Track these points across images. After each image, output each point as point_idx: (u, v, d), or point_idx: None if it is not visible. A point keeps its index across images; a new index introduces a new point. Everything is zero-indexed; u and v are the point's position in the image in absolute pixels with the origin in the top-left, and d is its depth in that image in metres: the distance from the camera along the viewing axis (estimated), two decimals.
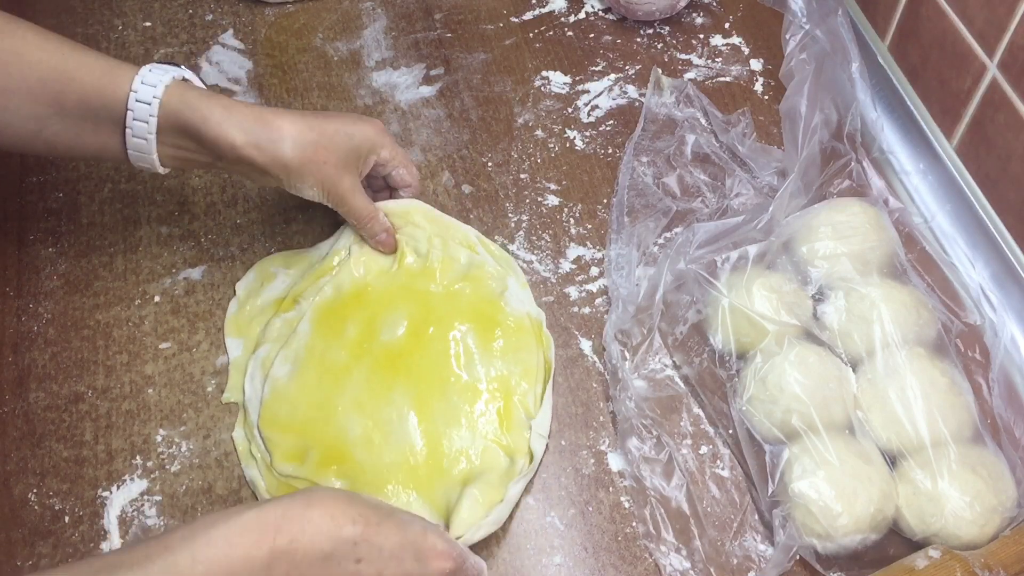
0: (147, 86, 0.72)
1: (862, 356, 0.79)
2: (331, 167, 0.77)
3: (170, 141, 0.75)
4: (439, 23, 1.05)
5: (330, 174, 0.77)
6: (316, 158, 0.76)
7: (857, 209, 0.85)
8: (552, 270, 0.88)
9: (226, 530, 0.55)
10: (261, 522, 0.55)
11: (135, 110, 0.73)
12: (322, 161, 0.76)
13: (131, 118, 0.73)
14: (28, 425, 0.78)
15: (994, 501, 0.71)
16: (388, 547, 0.58)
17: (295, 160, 0.75)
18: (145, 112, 0.72)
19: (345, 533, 0.57)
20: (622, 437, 0.78)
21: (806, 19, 0.90)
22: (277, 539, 0.55)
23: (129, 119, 0.73)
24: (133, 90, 0.72)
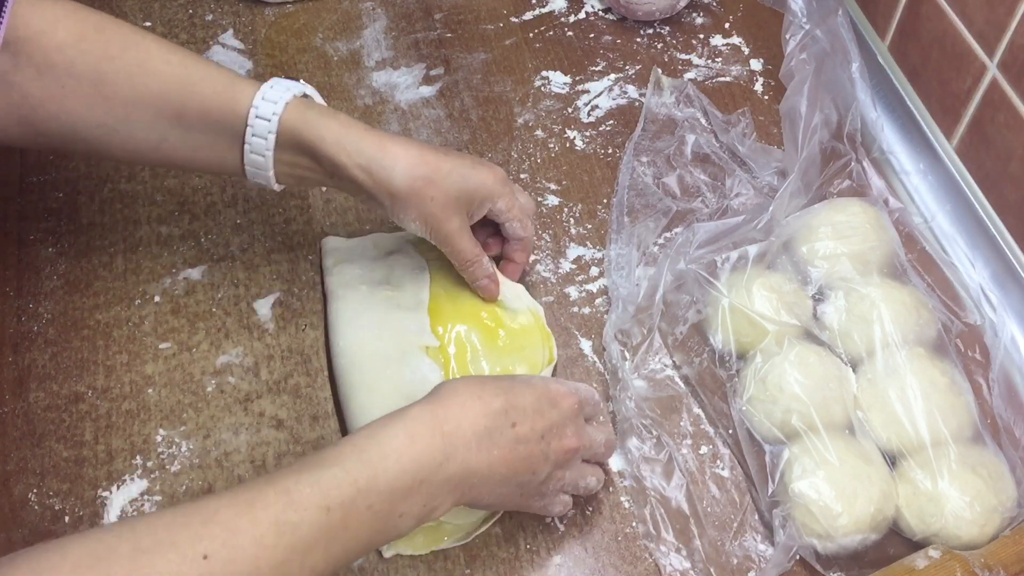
0: (268, 102, 0.72)
1: (862, 356, 0.79)
2: (438, 205, 0.74)
3: (287, 159, 0.74)
4: (439, 23, 1.05)
5: (435, 212, 0.74)
6: (424, 192, 0.73)
7: (857, 209, 0.85)
8: (552, 270, 0.88)
9: (402, 426, 0.61)
10: (428, 416, 0.62)
11: (254, 126, 0.72)
12: (429, 197, 0.73)
13: (250, 134, 0.72)
14: (28, 425, 0.78)
15: (994, 501, 0.71)
16: (529, 404, 0.66)
17: (402, 190, 0.73)
18: (264, 128, 0.72)
19: (495, 406, 0.64)
20: (622, 437, 0.78)
21: (806, 19, 0.90)
22: (445, 427, 0.62)
23: (248, 135, 0.72)
24: (254, 106, 0.72)
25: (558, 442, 0.67)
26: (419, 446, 0.60)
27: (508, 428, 0.64)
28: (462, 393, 0.64)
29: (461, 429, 0.62)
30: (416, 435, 0.61)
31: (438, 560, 0.73)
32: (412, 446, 0.60)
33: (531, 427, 0.65)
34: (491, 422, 0.63)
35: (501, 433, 0.64)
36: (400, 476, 0.59)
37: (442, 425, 0.62)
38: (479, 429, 0.63)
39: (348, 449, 0.60)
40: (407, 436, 0.61)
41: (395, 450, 0.60)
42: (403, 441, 0.60)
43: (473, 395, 0.64)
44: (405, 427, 0.61)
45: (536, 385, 0.68)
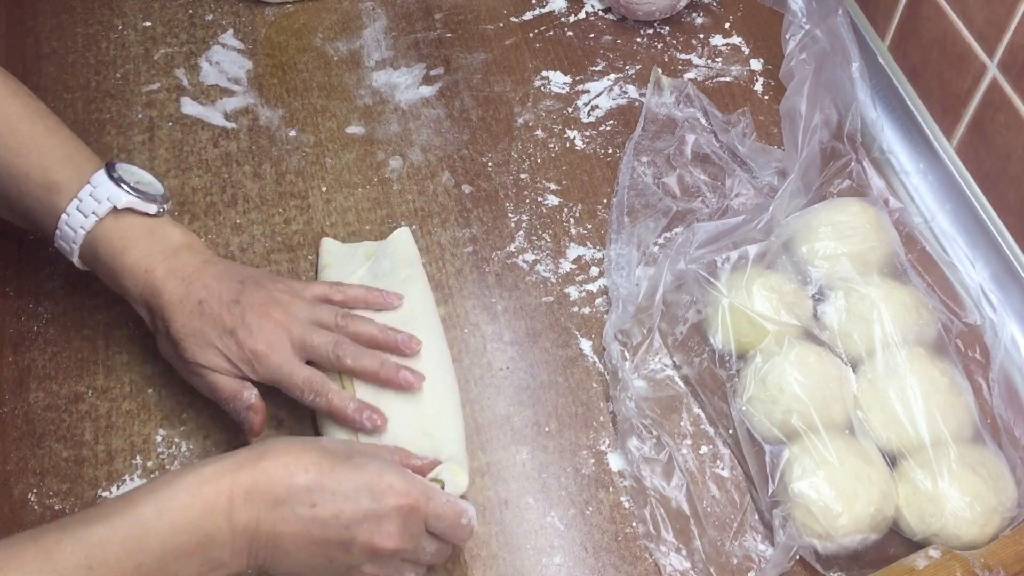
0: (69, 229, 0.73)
1: (862, 356, 0.79)
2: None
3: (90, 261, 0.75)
4: (439, 23, 1.05)
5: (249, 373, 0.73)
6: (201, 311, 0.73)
7: (857, 209, 0.85)
8: (552, 270, 0.88)
9: (188, 482, 0.58)
10: (220, 473, 0.58)
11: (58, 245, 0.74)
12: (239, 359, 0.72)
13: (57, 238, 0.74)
14: (28, 425, 0.78)
15: (994, 501, 0.71)
16: (341, 490, 0.60)
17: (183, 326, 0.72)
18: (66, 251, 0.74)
19: (298, 481, 0.59)
20: (622, 437, 0.78)
21: (806, 19, 0.90)
22: (234, 489, 0.58)
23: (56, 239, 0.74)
24: (57, 228, 0.73)
25: (368, 537, 0.61)
26: (199, 507, 0.57)
27: (305, 507, 0.59)
28: (271, 458, 0.60)
29: (254, 495, 0.58)
30: (200, 495, 0.57)
31: None
32: (192, 506, 0.57)
33: (333, 513, 0.60)
34: (288, 494, 0.59)
35: (294, 509, 0.59)
36: (174, 537, 0.56)
37: (232, 487, 0.58)
38: (270, 497, 0.59)
39: (122, 505, 0.57)
40: (189, 495, 0.57)
41: (173, 509, 0.57)
42: (184, 500, 0.57)
43: (281, 463, 0.60)
44: (189, 485, 0.58)
45: (368, 471, 0.62)
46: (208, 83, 0.99)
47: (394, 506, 0.62)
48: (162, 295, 0.72)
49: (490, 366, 0.82)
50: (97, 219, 0.72)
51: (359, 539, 0.61)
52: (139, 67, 1.00)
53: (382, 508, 0.61)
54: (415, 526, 0.63)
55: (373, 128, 0.97)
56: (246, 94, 0.99)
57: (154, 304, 0.72)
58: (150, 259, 0.73)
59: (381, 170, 0.94)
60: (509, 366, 0.83)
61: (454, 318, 0.85)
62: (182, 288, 0.72)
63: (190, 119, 0.96)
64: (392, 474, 0.63)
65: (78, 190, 0.72)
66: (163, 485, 0.58)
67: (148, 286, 0.72)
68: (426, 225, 0.90)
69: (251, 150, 0.94)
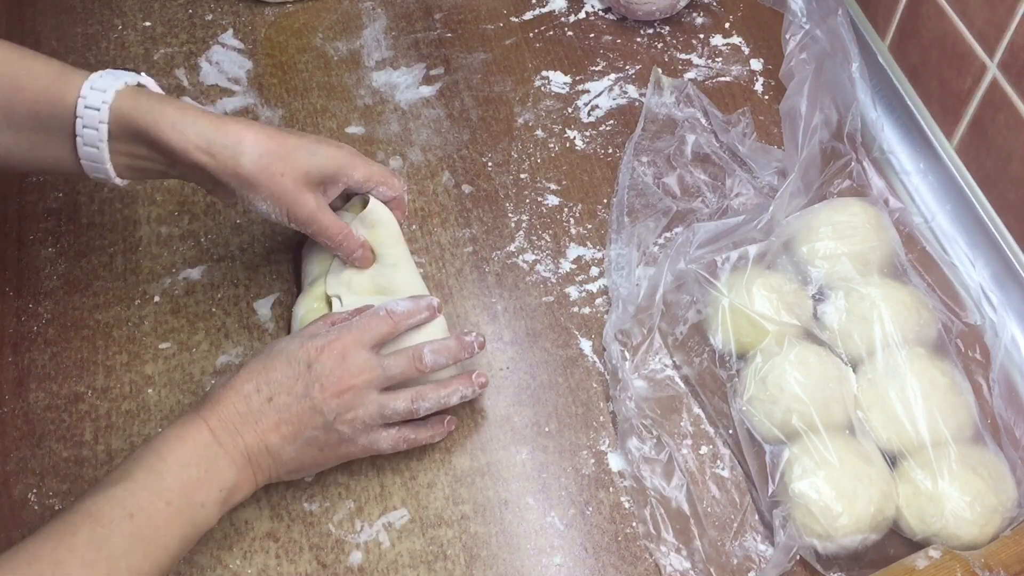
0: (96, 91, 0.69)
1: (862, 356, 0.79)
2: (289, 180, 0.73)
3: (123, 149, 0.71)
4: (439, 23, 1.05)
5: (287, 188, 0.73)
6: (273, 168, 0.72)
7: (857, 209, 0.85)
8: (552, 270, 0.88)
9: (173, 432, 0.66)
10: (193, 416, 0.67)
11: (84, 117, 0.69)
12: (279, 173, 0.72)
13: (80, 125, 0.69)
14: (28, 425, 0.78)
15: (994, 501, 0.71)
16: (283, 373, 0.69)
17: (249, 167, 0.71)
18: (95, 119, 0.69)
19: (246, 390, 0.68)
20: (622, 437, 0.78)
21: (806, 19, 0.90)
22: (210, 422, 0.67)
23: (79, 126, 0.69)
24: (82, 95, 0.69)
25: (322, 392, 0.69)
26: (190, 443, 0.66)
27: (265, 403, 0.68)
28: (219, 387, 0.69)
29: (223, 419, 0.67)
30: (185, 436, 0.66)
31: (438, 560, 0.73)
32: (184, 444, 0.65)
33: (288, 392, 0.68)
34: (246, 404, 0.68)
35: (260, 410, 0.68)
36: (182, 471, 0.65)
37: (206, 420, 0.67)
38: (239, 412, 0.67)
39: (131, 465, 0.65)
40: (177, 439, 0.66)
41: (170, 452, 0.65)
42: (174, 444, 0.65)
43: (227, 386, 0.68)
44: (175, 431, 0.66)
45: (291, 347, 0.70)
46: (208, 83, 0.99)
47: (327, 358, 0.69)
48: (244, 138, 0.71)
49: (490, 366, 0.82)
50: (116, 91, 0.69)
51: (320, 400, 0.69)
52: (139, 67, 1.00)
53: (320, 364, 0.69)
54: (358, 356, 0.70)
55: (373, 128, 0.97)
56: (246, 94, 0.99)
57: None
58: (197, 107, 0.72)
59: None
60: (509, 366, 0.83)
61: (454, 318, 0.85)
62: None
63: None
64: (309, 336, 0.71)
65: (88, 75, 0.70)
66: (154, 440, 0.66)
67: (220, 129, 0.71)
68: (426, 225, 0.90)
69: None
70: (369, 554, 0.73)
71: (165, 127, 0.70)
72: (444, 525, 0.75)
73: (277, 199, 0.73)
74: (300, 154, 0.73)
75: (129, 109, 0.70)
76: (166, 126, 0.70)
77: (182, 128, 0.70)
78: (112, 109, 0.69)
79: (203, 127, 0.70)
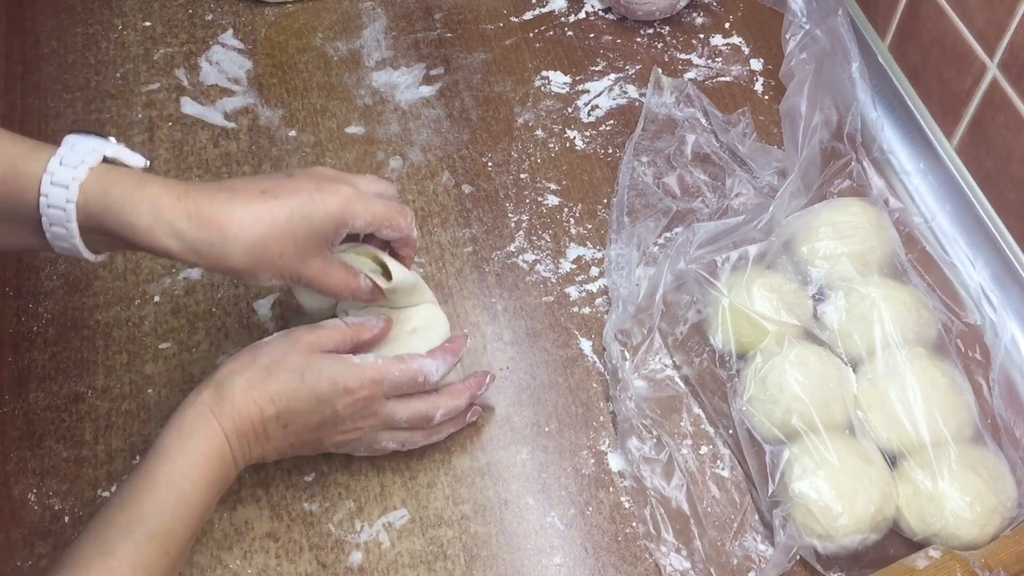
0: (58, 187, 0.62)
1: (862, 356, 0.78)
2: (289, 258, 0.66)
3: (100, 240, 0.65)
4: (439, 23, 1.05)
5: (289, 265, 0.67)
6: (268, 254, 0.65)
7: (857, 209, 0.85)
8: (552, 270, 0.88)
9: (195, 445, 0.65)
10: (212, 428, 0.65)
11: (49, 216, 0.62)
12: (277, 255, 0.65)
13: (47, 224, 0.63)
14: (28, 425, 0.78)
15: (994, 501, 0.71)
16: (305, 408, 0.68)
17: (243, 263, 0.65)
18: (62, 219, 0.62)
19: (268, 413, 0.67)
20: (622, 437, 0.78)
21: (806, 19, 0.90)
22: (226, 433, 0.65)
23: (45, 225, 0.63)
24: (43, 194, 0.62)
25: (332, 433, 0.71)
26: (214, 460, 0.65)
27: (280, 428, 0.68)
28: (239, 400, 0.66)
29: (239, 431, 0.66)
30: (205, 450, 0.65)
31: (438, 560, 0.73)
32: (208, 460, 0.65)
33: (303, 424, 0.69)
34: (263, 426, 0.67)
35: (274, 433, 0.68)
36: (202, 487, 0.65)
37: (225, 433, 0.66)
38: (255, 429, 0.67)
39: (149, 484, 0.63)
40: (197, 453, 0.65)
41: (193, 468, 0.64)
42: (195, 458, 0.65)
43: (251, 400, 0.66)
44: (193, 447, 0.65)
45: (321, 383, 0.68)
46: (208, 83, 0.99)
47: (349, 403, 0.69)
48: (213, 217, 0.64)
49: (490, 366, 0.82)
50: (89, 168, 0.62)
51: (327, 437, 0.71)
52: (139, 67, 1.00)
53: (341, 410, 0.69)
54: (374, 407, 0.70)
55: (373, 128, 0.97)
56: (246, 94, 0.99)
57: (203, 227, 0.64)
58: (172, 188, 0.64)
59: (381, 170, 0.94)
60: (509, 366, 0.83)
61: (454, 318, 0.84)
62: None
63: (190, 119, 0.96)
64: (343, 376, 0.69)
65: (55, 149, 0.63)
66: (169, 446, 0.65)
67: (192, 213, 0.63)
68: (426, 225, 0.90)
69: (251, 150, 0.94)
70: (369, 554, 0.73)
71: (142, 232, 0.62)
72: (444, 525, 0.75)
73: (280, 277, 0.68)
74: (294, 224, 0.66)
75: (97, 207, 0.62)
76: (142, 231, 0.62)
77: (159, 233, 0.63)
78: (79, 207, 0.62)
79: (182, 226, 0.63)
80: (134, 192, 0.63)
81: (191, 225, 0.63)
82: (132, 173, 0.64)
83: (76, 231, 0.63)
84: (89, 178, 0.62)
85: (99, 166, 0.63)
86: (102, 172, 0.63)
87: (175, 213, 0.63)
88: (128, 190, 0.63)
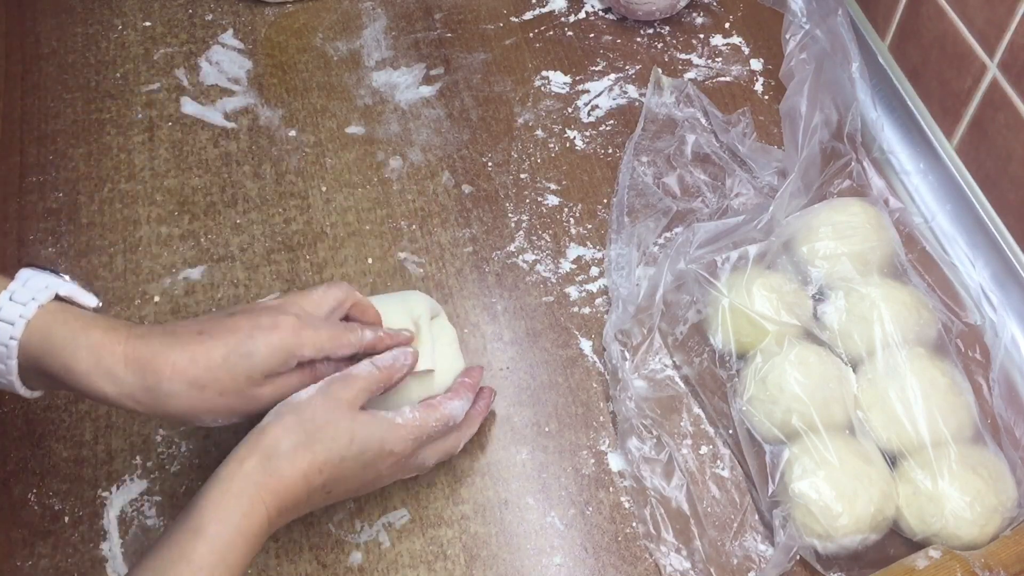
0: (4, 323, 0.61)
1: (862, 356, 0.78)
2: (232, 396, 0.64)
3: (37, 378, 0.64)
4: (439, 23, 1.05)
5: (232, 403, 0.65)
6: (206, 394, 0.63)
7: (857, 209, 0.85)
8: (552, 270, 0.88)
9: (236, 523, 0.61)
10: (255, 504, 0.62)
11: None
12: (217, 393, 0.64)
13: None
14: (28, 425, 0.78)
15: (994, 501, 0.71)
16: (351, 476, 0.67)
17: (180, 407, 0.63)
18: (3, 355, 0.62)
19: (315, 483, 0.65)
20: (622, 437, 0.78)
21: (806, 19, 0.90)
22: (269, 510, 0.62)
23: None
24: None
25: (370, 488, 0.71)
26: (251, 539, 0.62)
27: (323, 494, 0.67)
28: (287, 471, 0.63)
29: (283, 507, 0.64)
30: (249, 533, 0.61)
31: (438, 560, 0.73)
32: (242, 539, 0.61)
33: (345, 489, 0.68)
34: (309, 496, 0.65)
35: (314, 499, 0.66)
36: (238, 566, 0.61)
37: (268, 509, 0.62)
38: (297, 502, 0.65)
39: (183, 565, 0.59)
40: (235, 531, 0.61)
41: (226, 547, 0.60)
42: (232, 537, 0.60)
43: (300, 472, 0.64)
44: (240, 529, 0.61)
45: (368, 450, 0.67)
46: (208, 83, 0.99)
47: (391, 464, 0.69)
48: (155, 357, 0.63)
49: (490, 366, 0.82)
50: (39, 306, 0.62)
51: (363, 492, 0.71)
52: (139, 67, 1.00)
53: (382, 470, 0.69)
54: (412, 461, 0.71)
55: (373, 128, 0.97)
56: (246, 94, 0.99)
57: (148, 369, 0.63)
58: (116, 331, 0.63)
59: (381, 170, 0.94)
60: (509, 366, 0.83)
61: (454, 318, 0.84)
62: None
63: (190, 119, 0.96)
64: (389, 440, 0.68)
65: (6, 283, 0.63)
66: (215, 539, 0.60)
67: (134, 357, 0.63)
68: (426, 225, 0.90)
69: (251, 150, 0.94)
70: (369, 554, 0.73)
71: (80, 376, 0.62)
72: (444, 525, 0.75)
73: (227, 414, 0.66)
74: (231, 364, 0.64)
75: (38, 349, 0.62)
76: (80, 375, 0.62)
77: (96, 377, 0.62)
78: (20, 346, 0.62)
79: (119, 372, 0.62)
80: (78, 335, 0.62)
81: (128, 371, 0.62)
82: (80, 315, 0.64)
83: (15, 368, 0.62)
84: (36, 316, 0.62)
85: (49, 303, 0.63)
86: (50, 311, 0.62)
87: (114, 359, 0.62)
88: (72, 332, 0.62)
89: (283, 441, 0.64)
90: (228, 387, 0.64)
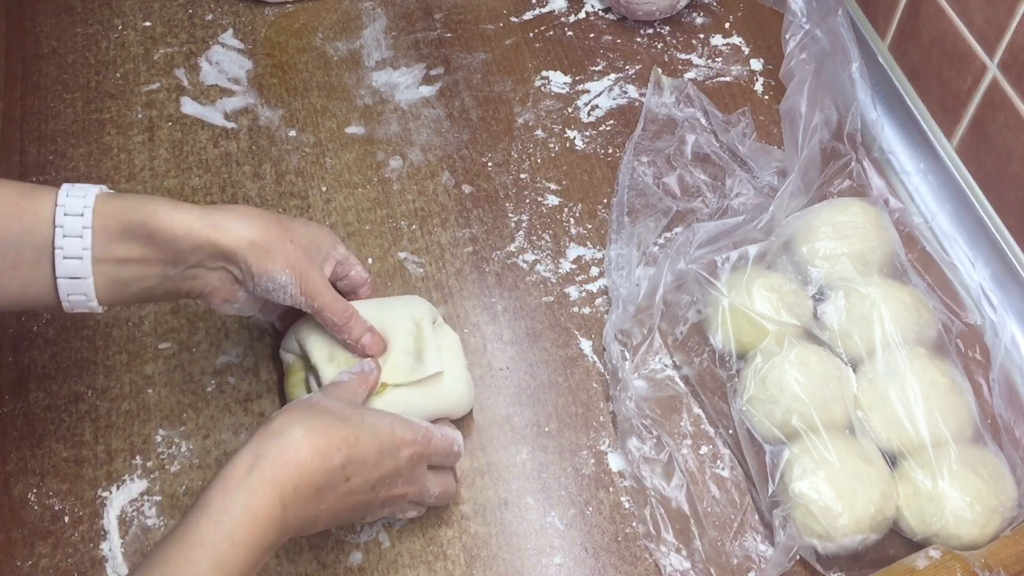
0: (75, 197, 0.64)
1: (862, 356, 0.79)
2: (298, 249, 0.70)
3: (110, 255, 0.65)
4: (439, 23, 1.05)
5: (300, 256, 0.69)
6: (282, 236, 0.69)
7: (857, 209, 0.85)
8: (552, 270, 0.88)
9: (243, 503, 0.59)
10: (265, 481, 0.60)
11: (64, 225, 0.63)
12: (288, 239, 0.69)
13: (60, 236, 0.63)
14: (28, 425, 0.78)
15: (994, 501, 0.71)
16: (369, 458, 0.65)
17: (261, 235, 0.68)
18: (77, 225, 0.63)
19: (334, 462, 0.63)
20: (622, 437, 0.78)
21: (806, 19, 0.90)
22: (284, 493, 0.60)
23: (59, 237, 0.63)
24: (59, 204, 0.63)
25: (387, 491, 0.67)
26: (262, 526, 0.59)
27: (342, 482, 0.63)
28: (303, 447, 0.62)
29: (299, 491, 0.61)
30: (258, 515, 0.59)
31: (438, 560, 0.73)
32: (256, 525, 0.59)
33: (364, 479, 0.65)
34: (328, 479, 0.62)
35: (334, 488, 0.63)
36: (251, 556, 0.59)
37: (283, 492, 0.60)
38: (315, 485, 0.62)
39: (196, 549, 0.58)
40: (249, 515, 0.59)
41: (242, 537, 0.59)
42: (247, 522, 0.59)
43: (316, 450, 0.62)
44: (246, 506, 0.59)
45: (381, 431, 0.66)
46: (208, 83, 0.99)
47: (407, 457, 0.67)
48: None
49: (490, 366, 0.82)
50: (95, 195, 0.65)
51: (381, 494, 0.67)
52: (139, 67, 1.00)
53: (400, 463, 0.67)
54: (421, 469, 0.69)
55: (373, 128, 0.97)
56: (246, 94, 0.99)
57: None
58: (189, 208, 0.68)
59: (381, 170, 0.94)
60: (509, 366, 0.83)
61: (454, 318, 0.85)
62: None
63: (190, 119, 0.96)
64: (401, 427, 0.68)
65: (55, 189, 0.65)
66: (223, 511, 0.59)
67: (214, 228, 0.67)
68: (426, 225, 0.90)
69: (251, 150, 0.94)
70: (369, 554, 0.73)
71: (162, 216, 0.65)
72: (444, 525, 0.75)
73: (292, 265, 0.69)
74: (296, 226, 0.71)
75: (115, 209, 0.65)
76: (163, 215, 0.65)
77: (179, 214, 0.66)
78: (96, 212, 0.64)
79: (198, 211, 0.67)
80: (148, 198, 0.67)
81: (208, 209, 0.68)
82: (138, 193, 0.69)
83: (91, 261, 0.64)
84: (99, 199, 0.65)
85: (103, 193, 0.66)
86: (108, 195, 0.66)
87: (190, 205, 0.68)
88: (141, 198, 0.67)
89: (296, 422, 0.63)
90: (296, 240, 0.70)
